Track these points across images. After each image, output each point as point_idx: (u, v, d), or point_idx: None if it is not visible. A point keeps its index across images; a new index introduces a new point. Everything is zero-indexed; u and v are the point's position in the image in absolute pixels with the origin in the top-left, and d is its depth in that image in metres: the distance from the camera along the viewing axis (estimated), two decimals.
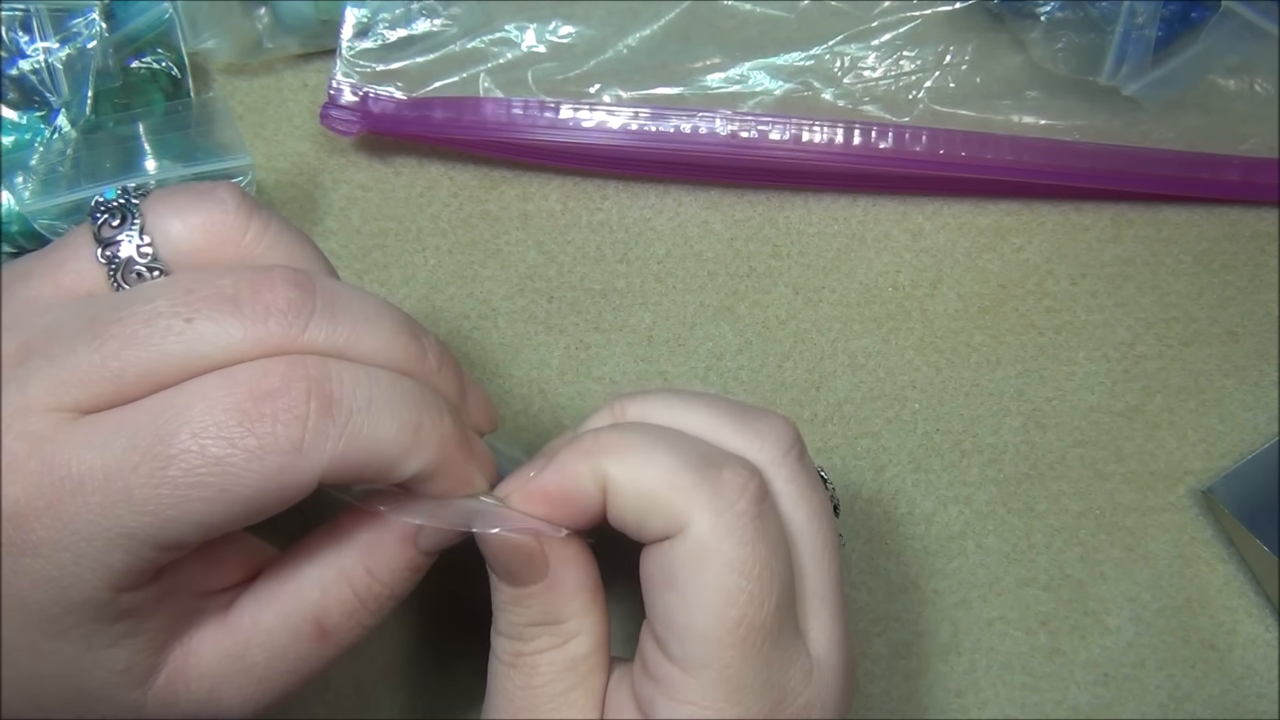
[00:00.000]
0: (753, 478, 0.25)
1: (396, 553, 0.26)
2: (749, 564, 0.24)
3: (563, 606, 0.26)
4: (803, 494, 0.26)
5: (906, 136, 0.37)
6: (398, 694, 0.35)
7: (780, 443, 0.26)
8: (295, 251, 0.26)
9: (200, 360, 0.23)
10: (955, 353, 0.38)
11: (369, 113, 0.36)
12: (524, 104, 0.36)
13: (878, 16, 0.37)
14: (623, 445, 0.25)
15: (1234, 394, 0.38)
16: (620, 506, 0.25)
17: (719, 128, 0.36)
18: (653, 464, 0.25)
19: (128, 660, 0.24)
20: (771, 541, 0.25)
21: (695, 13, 0.37)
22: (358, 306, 0.24)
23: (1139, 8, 0.36)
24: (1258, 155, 0.38)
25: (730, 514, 0.24)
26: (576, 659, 0.26)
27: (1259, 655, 0.37)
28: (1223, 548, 0.37)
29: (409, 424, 0.23)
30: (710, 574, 0.24)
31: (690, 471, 0.24)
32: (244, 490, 0.22)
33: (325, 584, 0.25)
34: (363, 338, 0.24)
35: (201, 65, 0.37)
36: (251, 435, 0.22)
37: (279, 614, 0.25)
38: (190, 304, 0.23)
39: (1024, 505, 0.37)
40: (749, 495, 0.24)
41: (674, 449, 0.25)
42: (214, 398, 0.22)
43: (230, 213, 0.25)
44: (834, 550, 0.27)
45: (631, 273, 0.38)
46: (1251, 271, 0.39)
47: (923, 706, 0.36)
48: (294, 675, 0.26)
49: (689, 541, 0.24)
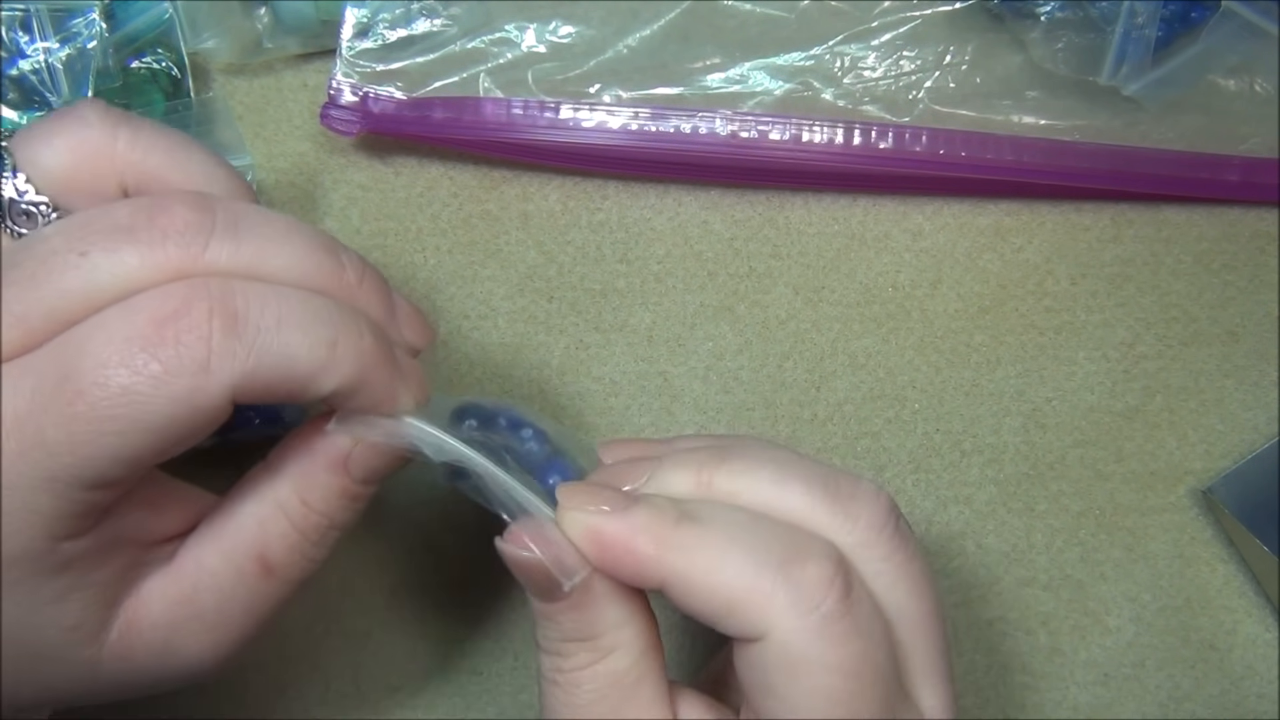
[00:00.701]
0: (839, 573, 0.23)
1: (328, 480, 0.25)
2: (846, 664, 0.23)
3: (595, 622, 0.25)
4: (900, 571, 0.25)
5: (906, 136, 0.37)
6: (398, 694, 0.35)
7: (874, 521, 0.25)
8: (177, 155, 0.25)
9: (100, 292, 0.22)
10: (955, 353, 0.38)
11: (369, 113, 0.36)
12: (524, 104, 0.36)
13: (878, 16, 0.37)
14: (699, 546, 0.24)
15: (1234, 394, 0.38)
16: (686, 604, 0.24)
17: (719, 128, 0.36)
18: (729, 567, 0.23)
19: (77, 616, 0.23)
20: (866, 635, 0.23)
21: (695, 13, 0.37)
22: (263, 224, 0.24)
23: (1139, 8, 0.36)
24: (1258, 155, 0.38)
25: (816, 615, 0.23)
26: (618, 673, 0.25)
27: (1259, 655, 0.37)
28: (1223, 548, 0.37)
29: (322, 340, 0.23)
30: (807, 680, 0.23)
31: (770, 571, 0.23)
32: (155, 417, 0.21)
33: (262, 518, 0.25)
34: (270, 256, 0.23)
35: (201, 65, 0.37)
36: (155, 360, 0.21)
37: (221, 553, 0.25)
38: (85, 237, 0.22)
39: (1024, 505, 0.37)
40: (836, 592, 0.23)
41: (752, 549, 0.23)
42: (113, 327, 0.22)
43: (94, 126, 0.24)
44: (939, 619, 0.26)
45: (631, 273, 0.38)
46: (1251, 271, 0.39)
47: None
48: (247, 617, 0.25)
49: (776, 648, 0.23)
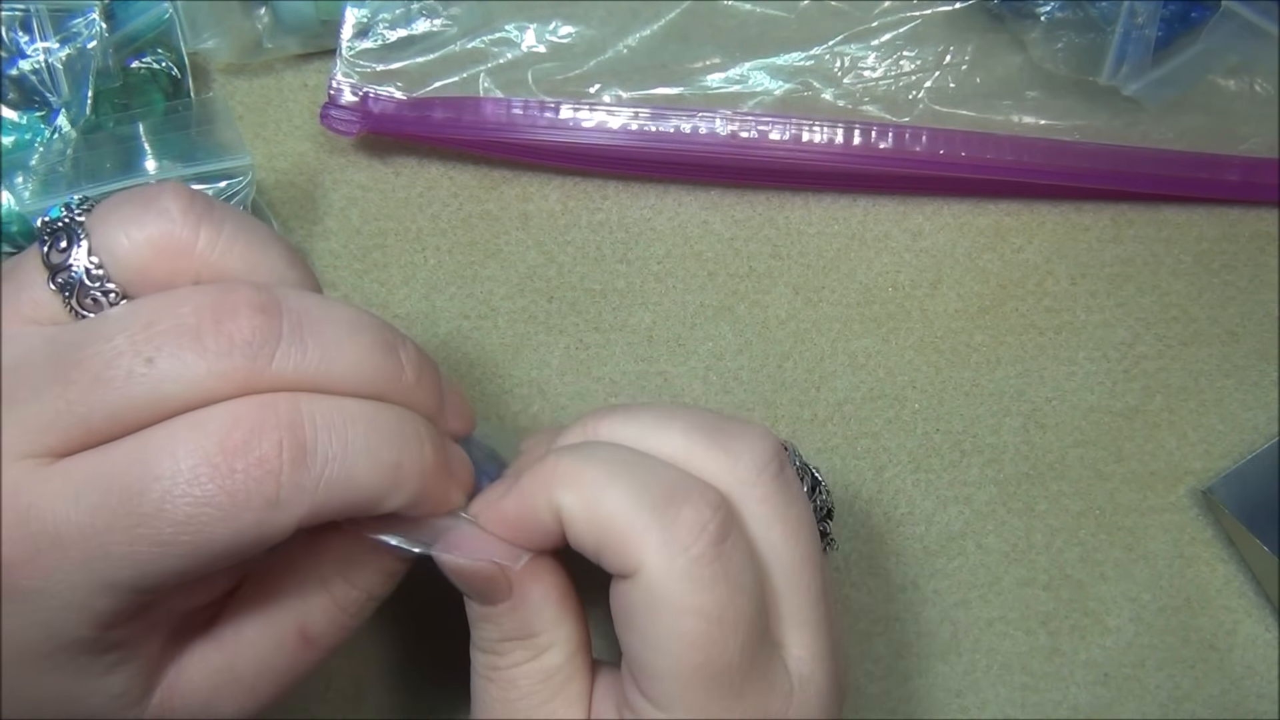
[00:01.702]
0: (715, 515, 0.24)
1: (371, 560, 0.26)
2: (707, 608, 0.23)
3: (532, 621, 0.26)
4: (776, 513, 0.25)
5: (906, 136, 0.37)
6: (398, 694, 0.35)
7: (755, 461, 0.25)
8: (255, 254, 0.25)
9: (166, 401, 0.22)
10: (955, 353, 0.38)
11: (369, 113, 0.36)
12: (524, 104, 0.36)
13: (878, 16, 0.37)
14: (580, 476, 0.24)
15: (1234, 394, 0.38)
16: (576, 538, 0.24)
17: (719, 128, 0.36)
18: (607, 499, 0.23)
19: (123, 685, 0.24)
20: (734, 581, 0.23)
21: (695, 13, 0.37)
22: (328, 324, 0.23)
23: (1139, 8, 0.36)
24: (1258, 155, 0.38)
25: (684, 558, 0.23)
26: (551, 670, 0.26)
27: (1259, 655, 0.37)
28: (1223, 548, 0.37)
29: (388, 465, 0.23)
30: (667, 619, 0.23)
31: (645, 510, 0.23)
32: (218, 545, 0.21)
33: (305, 594, 0.25)
34: (334, 361, 0.23)
35: (201, 65, 0.37)
36: (223, 492, 0.21)
37: (263, 626, 0.25)
38: (151, 340, 0.22)
39: (1024, 505, 0.37)
40: (707, 536, 0.23)
41: (633, 482, 0.24)
42: (181, 452, 0.21)
43: (176, 222, 0.24)
44: (814, 566, 0.25)
45: (631, 273, 0.38)
46: (1251, 271, 0.39)
47: (923, 706, 0.36)
48: (283, 680, 0.26)
49: (642, 585, 0.23)
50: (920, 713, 0.36)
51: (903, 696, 0.36)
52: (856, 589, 0.36)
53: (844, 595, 0.36)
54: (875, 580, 0.36)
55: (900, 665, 0.36)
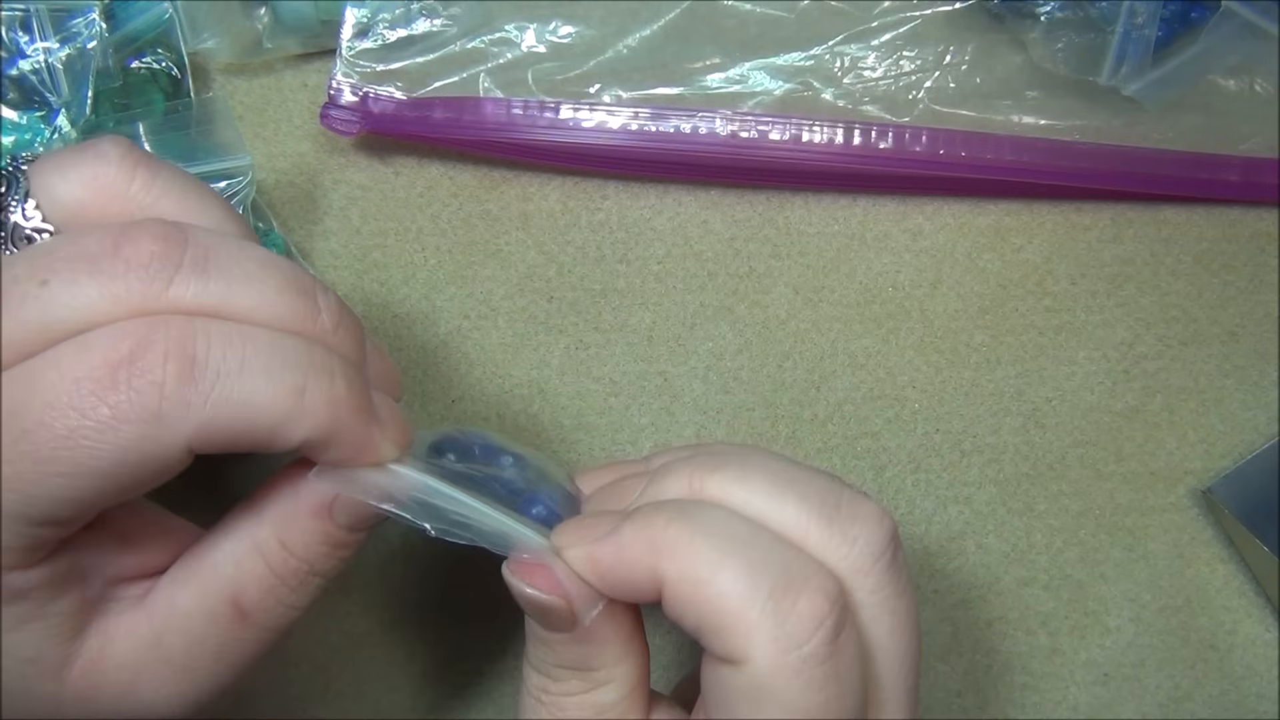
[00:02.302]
0: (831, 611, 0.22)
1: (311, 525, 0.24)
2: (814, 708, 0.22)
3: (593, 657, 0.25)
4: (887, 605, 0.24)
5: (906, 136, 0.37)
6: (398, 694, 0.35)
7: (870, 549, 0.24)
8: (190, 202, 0.24)
9: (59, 324, 0.21)
10: (955, 353, 0.38)
11: (369, 113, 0.36)
12: (524, 104, 0.36)
13: (878, 16, 0.37)
14: (690, 550, 0.22)
15: (1234, 394, 0.38)
16: (677, 613, 0.23)
17: (719, 128, 0.36)
18: (719, 581, 0.22)
19: (35, 647, 0.23)
20: (843, 681, 0.22)
21: (695, 13, 0.37)
22: (237, 260, 0.23)
23: (1139, 8, 0.36)
24: (1258, 155, 0.38)
25: (798, 655, 0.22)
26: (604, 705, 0.25)
27: (1259, 655, 0.37)
28: (1223, 548, 0.37)
29: (289, 387, 0.22)
30: (770, 713, 0.22)
31: (760, 598, 0.22)
32: (100, 463, 0.21)
33: (239, 559, 0.24)
34: (239, 294, 0.22)
35: (201, 65, 0.37)
36: (104, 404, 0.20)
37: (194, 594, 0.24)
38: (48, 265, 0.22)
39: (1024, 505, 0.37)
40: (823, 634, 0.22)
41: (748, 565, 0.22)
42: (65, 366, 0.21)
43: (112, 164, 0.24)
44: (914, 659, 0.24)
45: (631, 273, 0.38)
46: (1251, 271, 0.39)
47: (923, 706, 0.36)
48: (218, 664, 0.24)
49: (748, 677, 0.22)
50: (920, 713, 0.36)
51: None
52: None
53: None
54: None
55: None
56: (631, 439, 0.37)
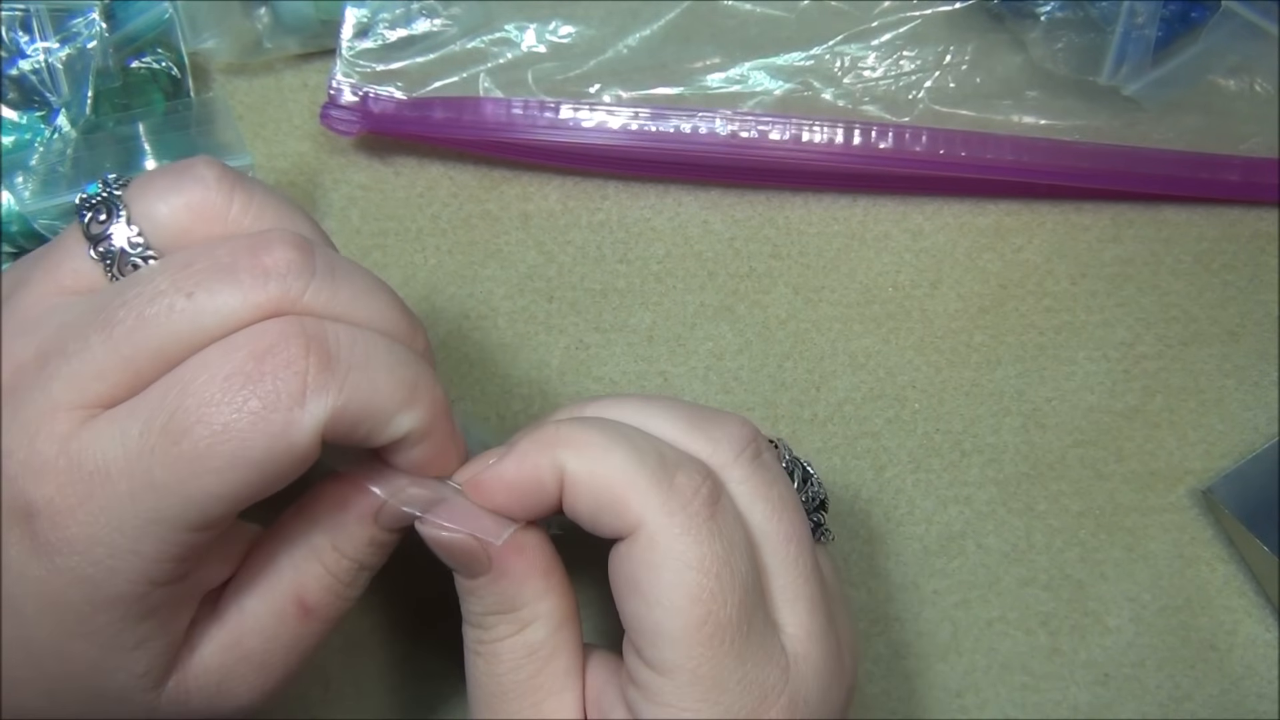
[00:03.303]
0: (705, 480, 0.25)
1: (357, 530, 0.26)
2: (706, 561, 0.24)
3: (514, 595, 0.26)
4: (757, 492, 0.26)
5: (906, 136, 0.37)
6: (398, 694, 0.35)
7: (733, 445, 0.26)
8: (285, 220, 0.26)
9: (204, 332, 0.23)
10: (955, 353, 0.38)
11: (369, 113, 0.36)
12: (524, 104, 0.36)
13: (878, 16, 0.37)
14: (583, 439, 0.25)
15: (1234, 394, 0.38)
16: (576, 501, 0.25)
17: (719, 128, 0.36)
18: (610, 461, 0.25)
19: (148, 663, 0.24)
20: (728, 540, 0.25)
21: (695, 13, 0.37)
22: (357, 275, 0.25)
23: (1139, 8, 0.36)
24: (1258, 155, 0.38)
25: (683, 514, 0.24)
26: (535, 645, 0.26)
27: (1259, 655, 0.37)
28: (1223, 548, 0.37)
29: (405, 381, 0.24)
30: (669, 574, 0.24)
31: (646, 471, 0.25)
32: (254, 452, 0.22)
33: (297, 562, 0.26)
34: (360, 305, 0.24)
35: (201, 65, 0.37)
36: (254, 396, 0.22)
37: (262, 598, 0.26)
38: (190, 277, 0.23)
39: (1024, 505, 0.37)
40: (702, 497, 0.25)
41: (633, 448, 0.25)
42: (215, 366, 0.22)
43: (212, 189, 0.25)
44: (800, 544, 0.26)
45: (631, 273, 0.38)
46: (1251, 271, 0.39)
47: (923, 706, 0.36)
48: (290, 655, 0.26)
49: (644, 542, 0.24)
50: (920, 713, 0.36)
51: (903, 696, 0.36)
52: (856, 589, 0.36)
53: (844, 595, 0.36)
54: (875, 580, 0.36)
55: (900, 665, 0.36)
56: None
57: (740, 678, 0.24)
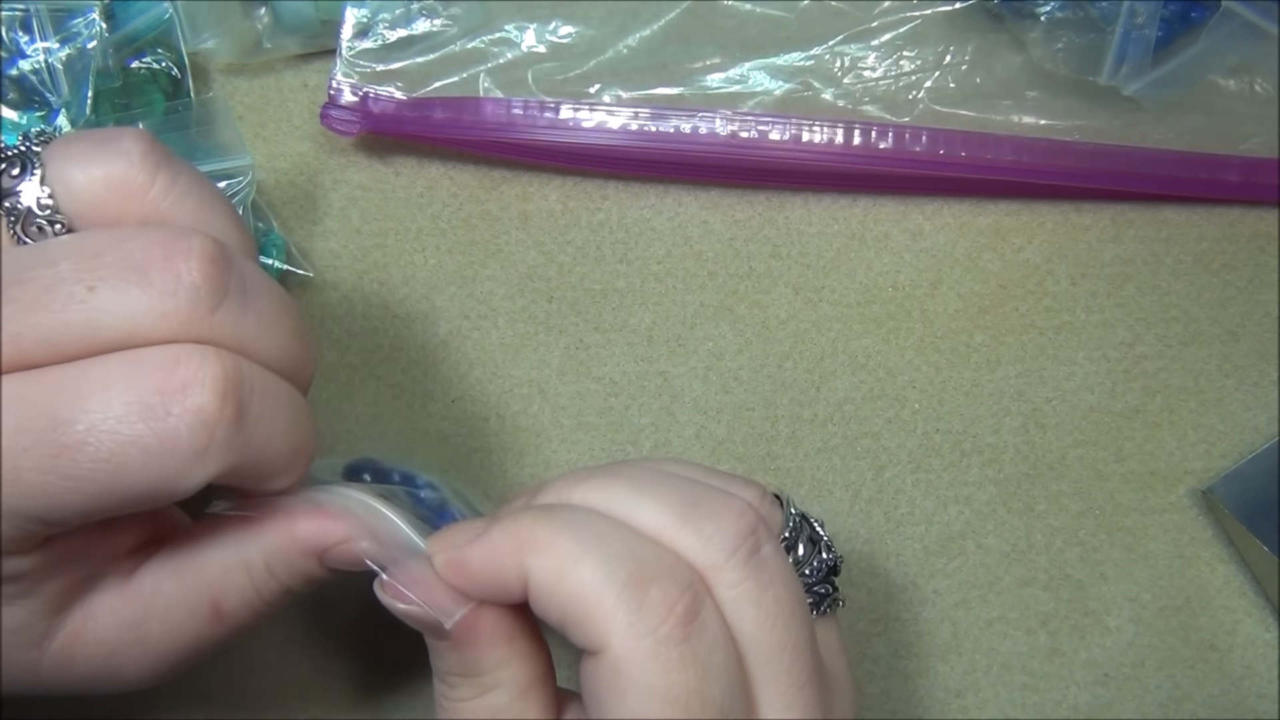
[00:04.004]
0: (682, 595, 0.23)
1: (299, 562, 0.25)
2: (674, 691, 0.22)
3: (475, 662, 0.25)
4: (749, 597, 0.24)
5: (906, 136, 0.37)
6: (398, 694, 0.35)
7: (726, 543, 0.24)
8: (206, 210, 0.24)
9: (102, 332, 0.21)
10: (955, 353, 0.38)
11: (369, 113, 0.36)
12: (524, 104, 0.36)
13: (878, 16, 0.37)
14: (551, 543, 0.23)
15: (1234, 394, 0.38)
16: (541, 607, 0.24)
17: (719, 128, 0.36)
18: (579, 572, 0.23)
19: (20, 620, 0.23)
20: (702, 666, 0.22)
21: (695, 13, 0.37)
22: (267, 297, 0.23)
23: (1139, 8, 0.36)
24: (1258, 155, 0.38)
25: (652, 638, 0.22)
26: (497, 708, 0.25)
27: (1259, 655, 0.37)
28: (1223, 548, 0.37)
29: (296, 445, 0.23)
30: (633, 702, 0.22)
31: (615, 586, 0.22)
32: (134, 489, 0.21)
33: (226, 569, 0.25)
34: (266, 332, 0.23)
35: (201, 65, 0.37)
36: (153, 435, 0.21)
37: (179, 589, 0.25)
38: (95, 269, 0.21)
39: (1024, 505, 0.37)
40: (676, 616, 0.22)
41: (604, 557, 0.23)
42: (117, 387, 0.21)
43: (135, 164, 0.23)
44: (795, 652, 0.24)
45: (631, 273, 0.38)
46: (1251, 271, 0.39)
47: (923, 706, 0.36)
48: (188, 650, 0.25)
49: (609, 664, 0.22)
50: (920, 713, 0.36)
51: (903, 696, 0.36)
52: (856, 589, 0.36)
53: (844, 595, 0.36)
54: (875, 580, 0.36)
55: (900, 665, 0.36)
56: (631, 439, 0.37)
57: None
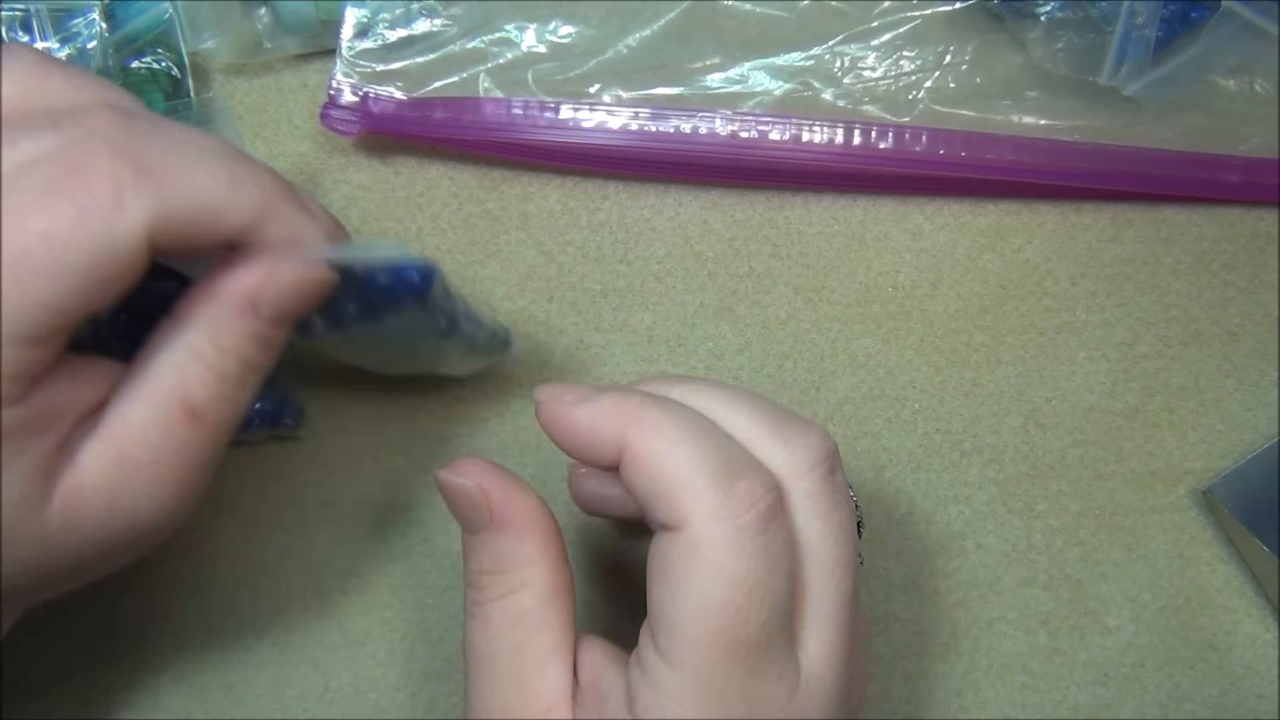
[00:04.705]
0: (767, 494, 0.25)
1: (237, 324, 0.26)
2: (742, 577, 0.24)
3: (507, 555, 0.27)
4: (819, 510, 0.26)
5: (906, 136, 0.37)
6: (398, 694, 0.35)
7: (809, 457, 0.26)
8: (110, 92, 0.26)
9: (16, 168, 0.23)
10: (955, 353, 0.38)
11: (369, 113, 0.36)
12: (524, 104, 0.36)
13: (878, 16, 0.37)
14: (655, 423, 0.25)
15: (1234, 394, 0.38)
16: (632, 479, 0.26)
17: (719, 128, 0.36)
18: (675, 454, 0.25)
19: (20, 487, 0.24)
20: (773, 559, 0.24)
21: (695, 13, 0.37)
22: (181, 129, 0.25)
23: (1139, 8, 0.36)
24: (1258, 155, 0.38)
25: (733, 524, 0.24)
26: (522, 612, 0.27)
27: (1259, 655, 0.37)
28: (1223, 548, 0.37)
29: (223, 173, 0.24)
30: (702, 578, 0.24)
31: (706, 472, 0.25)
32: (78, 256, 0.22)
33: (178, 365, 0.25)
34: (184, 150, 0.24)
35: (201, 65, 0.37)
36: (68, 203, 0.22)
37: (144, 405, 0.25)
38: (11, 131, 0.23)
39: (1024, 505, 0.37)
40: (757, 511, 0.24)
41: (699, 446, 0.25)
42: (24, 183, 0.22)
43: (30, 65, 0.25)
44: (846, 569, 0.26)
45: (631, 273, 0.38)
46: (1251, 271, 0.39)
47: (923, 706, 0.36)
48: (184, 467, 0.26)
49: (686, 539, 0.24)
50: (920, 713, 0.36)
51: (903, 696, 0.36)
52: None
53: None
54: (875, 580, 0.36)
55: (900, 665, 0.36)
56: None
57: (744, 690, 0.24)
